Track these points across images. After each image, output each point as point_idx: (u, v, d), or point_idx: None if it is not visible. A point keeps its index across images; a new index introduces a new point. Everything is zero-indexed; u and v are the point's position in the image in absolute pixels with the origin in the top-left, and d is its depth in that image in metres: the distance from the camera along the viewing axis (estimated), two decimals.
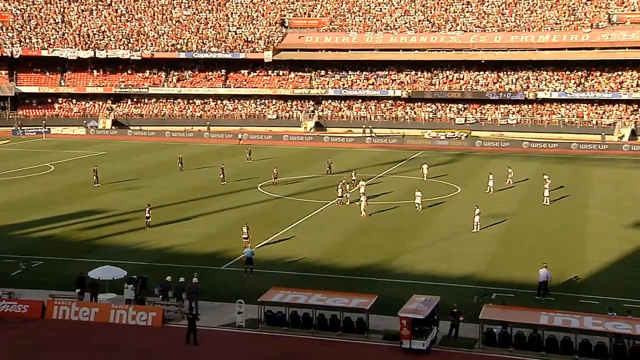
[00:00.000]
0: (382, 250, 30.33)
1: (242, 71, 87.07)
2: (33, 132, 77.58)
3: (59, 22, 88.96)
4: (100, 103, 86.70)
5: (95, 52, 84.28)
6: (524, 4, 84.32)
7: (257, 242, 30.93)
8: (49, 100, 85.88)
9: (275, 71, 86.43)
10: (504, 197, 42.46)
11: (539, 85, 78.26)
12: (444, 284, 25.72)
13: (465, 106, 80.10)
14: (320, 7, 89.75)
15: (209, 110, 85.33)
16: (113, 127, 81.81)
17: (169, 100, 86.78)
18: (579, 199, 41.28)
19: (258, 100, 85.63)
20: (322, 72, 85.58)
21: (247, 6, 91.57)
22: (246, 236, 29.78)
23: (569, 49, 76.28)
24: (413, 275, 26.97)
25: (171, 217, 36.21)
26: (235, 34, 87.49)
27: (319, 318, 20.95)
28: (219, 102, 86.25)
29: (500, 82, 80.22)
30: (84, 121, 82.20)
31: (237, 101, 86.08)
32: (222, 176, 47.18)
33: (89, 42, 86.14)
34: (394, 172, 52.40)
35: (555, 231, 33.68)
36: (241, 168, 52.97)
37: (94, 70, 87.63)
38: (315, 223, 35.71)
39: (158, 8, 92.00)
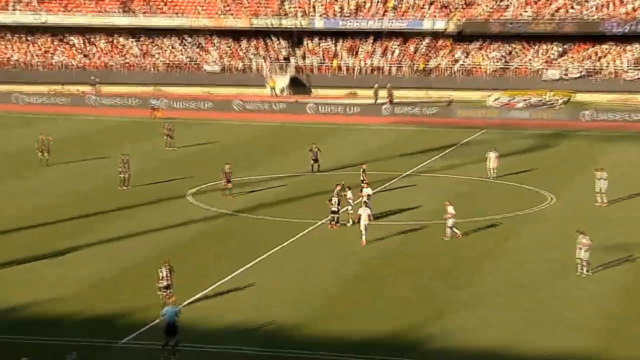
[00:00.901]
0: (410, 307, 30.71)
1: None
2: None
3: None
4: None
5: None
6: None
7: (186, 294, 30.93)
8: None
9: None
10: (633, 213, 42.99)
11: None
12: None
13: (562, 48, 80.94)
14: None
15: (97, 56, 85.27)
16: None
17: (20, 37, 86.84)
18: None
19: (186, 38, 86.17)
20: None
21: None
22: (166, 284, 30.00)
23: None
24: (469, 354, 27.11)
25: (28, 252, 36.25)
26: None
27: None
28: (115, 40, 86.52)
29: (626, 3, 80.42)
30: None
31: (148, 40, 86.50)
32: (122, 176, 47.58)
33: None
34: (431, 168, 52.93)
35: None
36: (157, 161, 53.94)
37: None
38: (292, 258, 36.00)
39: None
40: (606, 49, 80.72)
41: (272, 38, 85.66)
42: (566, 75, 78.66)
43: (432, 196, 46.11)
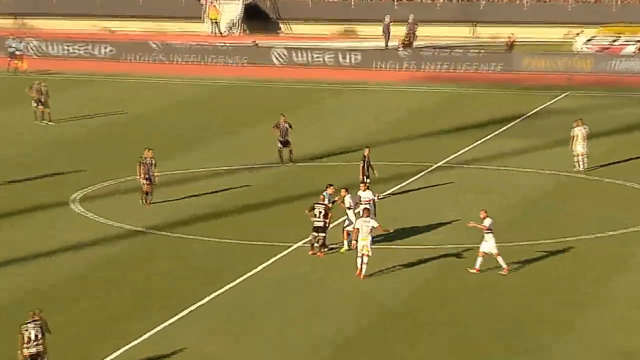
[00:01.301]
0: None
1: None
2: None
3: None
4: None
5: None
6: None
7: None
8: None
9: None
10: None
11: None
12: None
13: None
14: None
15: None
16: None
17: None
18: None
19: None
20: None
21: None
22: (35, 352, 26.69)
23: None
24: None
25: None
26: None
27: None
28: None
29: None
30: None
31: None
32: None
33: None
34: (479, 155, 48.74)
35: None
36: (22, 144, 51.65)
37: None
38: (247, 307, 31.99)
39: None
40: None
41: None
42: None
43: (480, 201, 39.99)
